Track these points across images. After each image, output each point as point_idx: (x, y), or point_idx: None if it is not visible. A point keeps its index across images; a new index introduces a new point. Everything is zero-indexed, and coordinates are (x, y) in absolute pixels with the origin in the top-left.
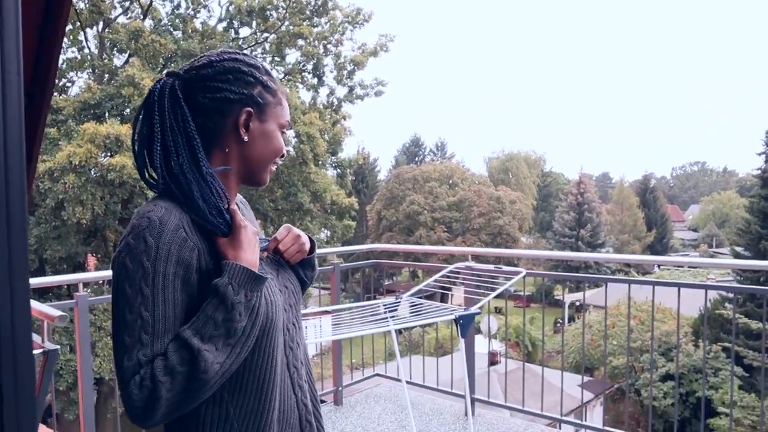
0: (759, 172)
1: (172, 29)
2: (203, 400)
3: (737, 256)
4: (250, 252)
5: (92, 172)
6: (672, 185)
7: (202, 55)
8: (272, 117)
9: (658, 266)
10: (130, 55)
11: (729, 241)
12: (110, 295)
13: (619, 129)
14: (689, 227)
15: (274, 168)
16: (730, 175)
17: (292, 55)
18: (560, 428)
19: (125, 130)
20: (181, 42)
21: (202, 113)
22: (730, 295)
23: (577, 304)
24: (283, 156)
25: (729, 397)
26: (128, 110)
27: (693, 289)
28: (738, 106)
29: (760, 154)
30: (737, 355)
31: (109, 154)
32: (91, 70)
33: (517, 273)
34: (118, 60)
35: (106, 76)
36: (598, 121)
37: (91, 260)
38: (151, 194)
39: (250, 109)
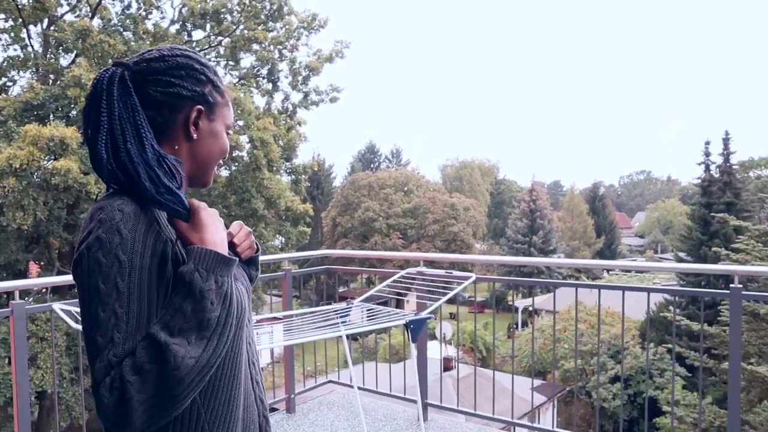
0: (699, 181)
1: (122, 30)
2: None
3: (680, 261)
4: (214, 232)
5: (35, 176)
6: (620, 193)
7: (152, 48)
8: (220, 117)
9: (607, 271)
10: (76, 55)
11: (672, 247)
12: (50, 304)
13: (571, 136)
14: (636, 234)
15: (218, 170)
16: (674, 183)
17: (247, 60)
18: (514, 431)
19: (70, 133)
20: (132, 43)
21: (152, 106)
22: (672, 298)
23: (530, 309)
24: (225, 157)
25: (673, 396)
26: (74, 112)
27: (640, 294)
28: (692, 112)
29: (700, 164)
30: (680, 356)
31: (53, 157)
32: (34, 70)
33: (467, 278)
34: (64, 60)
35: (51, 76)
36: (551, 129)
37: (34, 268)
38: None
39: (200, 107)
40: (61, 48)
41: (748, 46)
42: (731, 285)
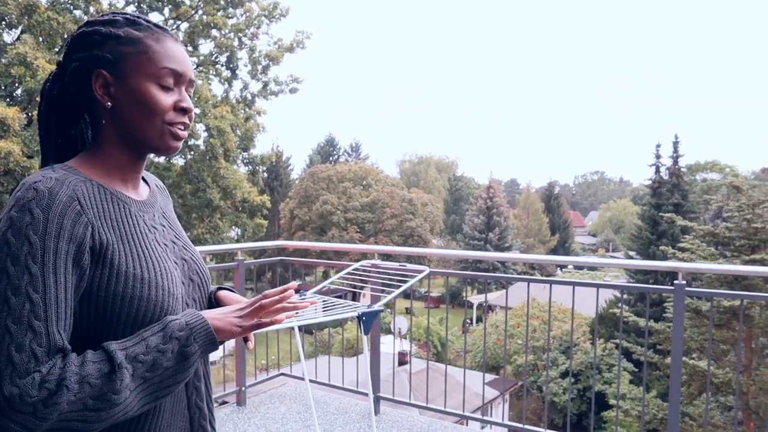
0: (650, 182)
1: (72, 8)
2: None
3: (630, 259)
4: (221, 316)
5: None
6: (574, 192)
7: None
8: (137, 69)
9: (561, 269)
10: (22, 32)
11: (623, 246)
12: None
13: (529, 136)
14: (589, 232)
15: (178, 128)
16: (626, 184)
17: (206, 46)
18: (467, 424)
19: (12, 113)
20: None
21: (71, 93)
22: (621, 295)
23: (484, 305)
24: (184, 111)
25: (618, 390)
26: (18, 92)
27: (590, 291)
28: (645, 115)
29: (651, 166)
30: (628, 352)
31: None
32: None
33: (421, 271)
34: (8, 36)
35: None
36: (509, 127)
37: None
38: None
39: (101, 70)
40: (3, 23)
41: (702, 51)
42: (675, 281)
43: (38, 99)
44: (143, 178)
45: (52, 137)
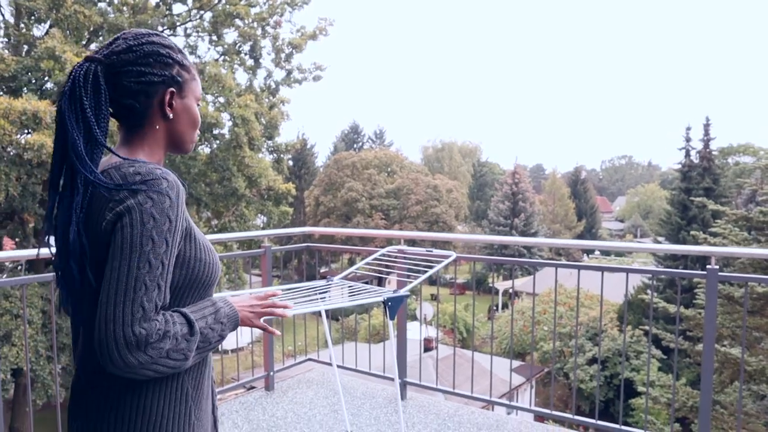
0: (679, 166)
1: (97, 0)
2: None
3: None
4: (244, 309)
5: (8, 151)
6: (601, 177)
7: (116, 37)
8: (189, 92)
9: (587, 255)
10: (50, 26)
11: (652, 231)
12: (23, 277)
13: (555, 120)
14: (616, 218)
15: (196, 137)
16: (655, 168)
17: (230, 36)
18: (493, 410)
19: (44, 106)
20: (109, 15)
21: (130, 95)
22: (650, 282)
23: (510, 291)
24: (199, 126)
25: (648, 377)
26: (48, 85)
27: (619, 277)
28: (675, 98)
29: (681, 149)
30: (657, 338)
31: (26, 131)
32: (6, 40)
33: (447, 256)
34: (38, 30)
35: (25, 47)
36: (534, 112)
37: (8, 244)
38: None
39: (172, 89)
40: (33, 18)
41: (731, 33)
42: (708, 266)
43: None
44: None
45: (104, 124)
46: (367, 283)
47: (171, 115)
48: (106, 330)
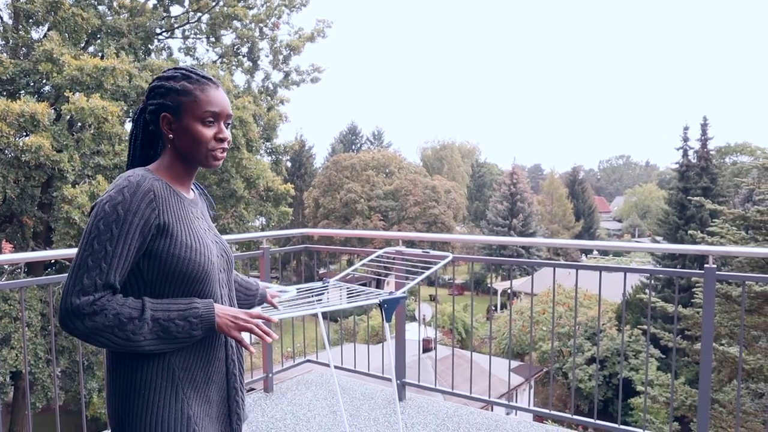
0: (677, 165)
1: (96, 3)
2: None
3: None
4: (225, 316)
5: (6, 153)
6: (599, 177)
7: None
8: (187, 114)
9: (586, 255)
10: (48, 29)
11: (650, 231)
12: (22, 280)
13: (552, 121)
14: (614, 218)
15: (218, 152)
16: (652, 168)
17: (228, 38)
18: (492, 410)
19: (42, 109)
20: (107, 18)
21: (151, 124)
22: (648, 282)
23: (509, 291)
24: (221, 140)
25: (646, 376)
26: (46, 88)
27: (617, 277)
28: (672, 98)
29: (678, 149)
30: (655, 338)
31: (24, 133)
32: (4, 42)
33: (444, 257)
34: (36, 33)
35: (23, 49)
36: (532, 112)
37: (7, 247)
38: (70, 177)
39: (165, 113)
40: (31, 20)
41: (729, 33)
42: (705, 265)
43: (66, 95)
44: (193, 185)
45: (137, 153)
46: (364, 284)
47: (171, 135)
48: (60, 299)
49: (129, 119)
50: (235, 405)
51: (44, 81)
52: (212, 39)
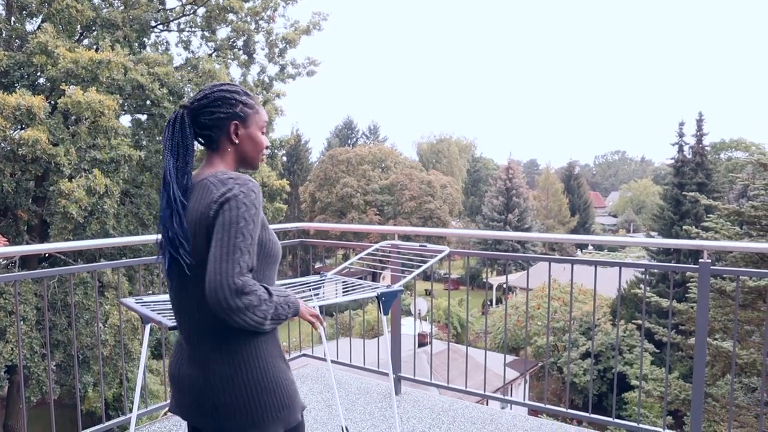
0: (672, 161)
1: None
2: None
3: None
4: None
5: (2, 146)
6: (595, 173)
7: (200, 89)
8: (252, 123)
9: (581, 250)
10: (42, 20)
11: (645, 226)
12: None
13: (548, 116)
14: (609, 213)
15: (264, 157)
16: (648, 163)
17: (223, 31)
18: (487, 404)
19: (38, 102)
20: (102, 10)
21: (207, 128)
22: (643, 277)
23: (504, 286)
24: (267, 147)
25: (641, 371)
26: (41, 80)
27: (612, 272)
28: (668, 94)
29: (673, 145)
30: (649, 332)
31: (20, 127)
32: None
33: (441, 251)
34: (30, 25)
35: (17, 41)
36: (528, 107)
37: (1, 241)
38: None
39: (236, 122)
40: (25, 12)
41: (725, 29)
42: (700, 260)
43: (61, 88)
44: None
45: (192, 151)
46: (361, 278)
47: (237, 141)
48: (216, 280)
49: (124, 113)
50: None
51: (39, 74)
52: (207, 33)
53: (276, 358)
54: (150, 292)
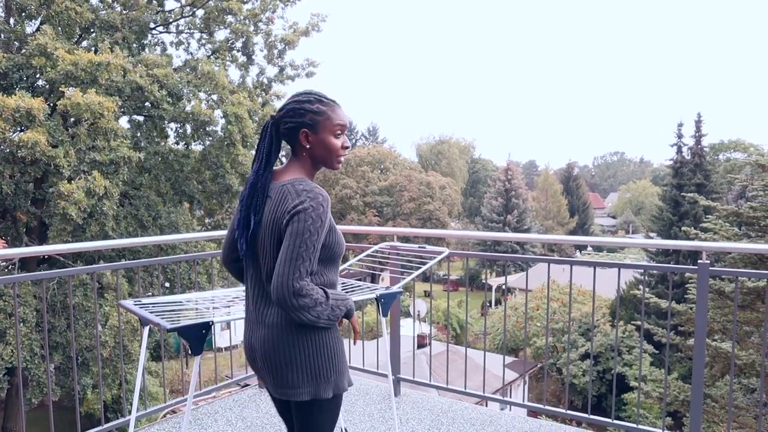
0: (671, 162)
1: None
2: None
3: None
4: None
5: (1, 148)
6: (594, 174)
7: (285, 102)
8: (323, 129)
9: (580, 251)
10: (41, 22)
11: (644, 227)
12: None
13: (547, 117)
14: (608, 214)
15: (342, 157)
16: (646, 165)
17: (221, 33)
18: (487, 405)
19: (38, 104)
20: (101, 12)
21: (285, 137)
22: (642, 278)
23: (503, 287)
24: (345, 148)
25: (640, 372)
26: (40, 82)
27: (611, 273)
28: (666, 95)
29: (672, 146)
30: (648, 333)
31: (20, 129)
32: None
33: (440, 252)
34: (29, 27)
35: (16, 44)
36: (527, 109)
37: (0, 244)
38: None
39: (305, 129)
40: (24, 14)
41: (723, 31)
42: (699, 261)
43: (60, 90)
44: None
45: (273, 158)
46: (360, 280)
47: (308, 146)
48: (279, 282)
49: (123, 114)
50: None
51: (38, 76)
52: (205, 35)
53: (334, 329)
54: (149, 293)
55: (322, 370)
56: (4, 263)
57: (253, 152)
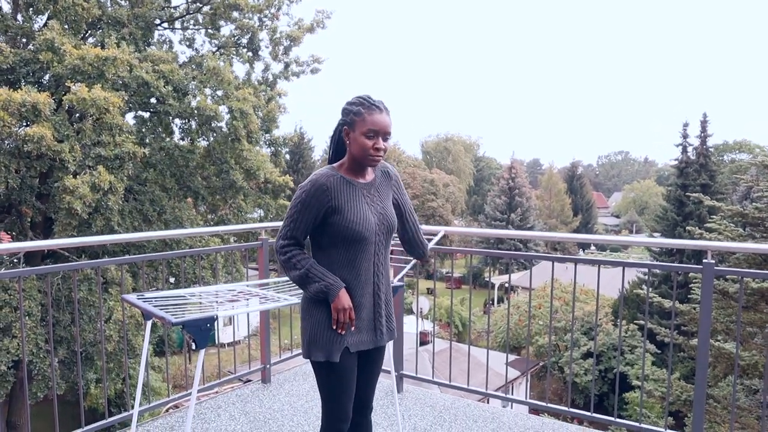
0: (676, 162)
1: None
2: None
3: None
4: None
5: (6, 143)
6: (598, 173)
7: None
8: (358, 128)
9: (583, 250)
10: (48, 18)
11: (648, 227)
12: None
13: (552, 116)
14: (612, 213)
15: (374, 157)
16: (651, 164)
17: (227, 29)
18: (489, 403)
19: (43, 99)
20: (108, 7)
21: (339, 132)
22: (646, 277)
23: (506, 285)
24: (377, 149)
25: (642, 371)
26: (47, 77)
27: (614, 272)
28: (672, 95)
29: (677, 146)
30: (651, 333)
31: (26, 123)
32: (3, 31)
33: (437, 233)
34: (37, 22)
35: (23, 39)
36: (532, 107)
37: (5, 239)
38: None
39: (345, 127)
40: (31, 9)
41: (729, 31)
42: (704, 260)
43: (66, 84)
44: (381, 169)
45: (334, 153)
46: None
47: (348, 141)
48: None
49: (129, 110)
50: (378, 323)
51: (44, 71)
52: (211, 30)
53: (322, 303)
54: (153, 288)
55: (303, 334)
56: (9, 257)
57: (257, 148)
